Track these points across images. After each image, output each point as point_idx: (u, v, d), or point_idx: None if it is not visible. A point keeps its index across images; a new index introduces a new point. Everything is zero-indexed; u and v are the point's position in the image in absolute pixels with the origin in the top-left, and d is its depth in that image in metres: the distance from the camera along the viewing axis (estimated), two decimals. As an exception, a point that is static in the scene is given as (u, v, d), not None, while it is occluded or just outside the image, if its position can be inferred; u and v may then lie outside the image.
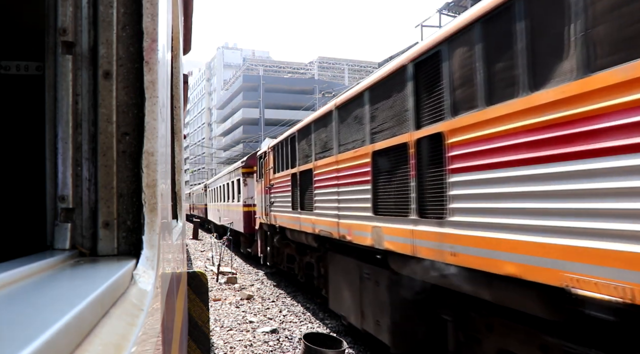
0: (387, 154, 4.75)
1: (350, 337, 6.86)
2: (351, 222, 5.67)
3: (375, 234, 4.95)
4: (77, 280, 0.77)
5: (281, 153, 9.59)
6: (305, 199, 7.71)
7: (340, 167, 6.05)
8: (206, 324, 3.91)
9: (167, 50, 1.56)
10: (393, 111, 4.65)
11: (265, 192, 10.96)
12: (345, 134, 5.92)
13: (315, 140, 7.17)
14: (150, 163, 1.07)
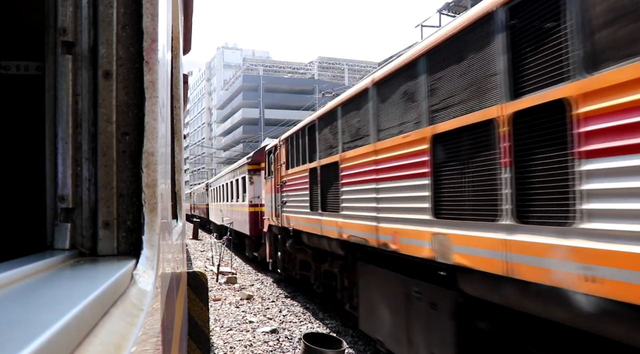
0: (458, 136, 3.60)
1: (350, 337, 6.86)
2: (398, 227, 4.47)
3: (438, 243, 3.80)
4: (77, 280, 0.77)
5: (296, 146, 8.33)
6: (328, 198, 6.53)
7: (380, 158, 4.82)
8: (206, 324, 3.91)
9: (167, 50, 1.56)
10: (468, 78, 3.50)
11: (276, 190, 9.79)
12: (388, 116, 4.70)
13: (343, 127, 5.92)
14: (150, 163, 1.07)
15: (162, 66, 1.23)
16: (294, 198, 8.49)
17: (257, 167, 13.87)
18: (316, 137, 7.08)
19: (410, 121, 4.27)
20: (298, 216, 8.19)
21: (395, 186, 4.54)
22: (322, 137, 6.82)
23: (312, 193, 7.28)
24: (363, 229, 5.28)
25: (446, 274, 3.93)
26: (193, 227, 27.16)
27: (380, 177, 4.85)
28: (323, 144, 6.79)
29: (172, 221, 1.82)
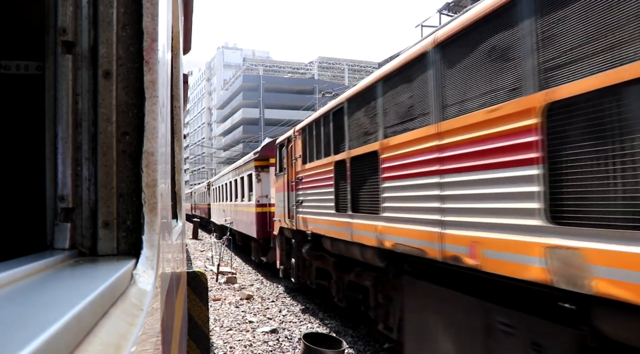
0: (600, 103, 2.37)
1: (350, 337, 6.86)
2: (479, 235, 3.27)
3: (558, 261, 2.64)
4: (76, 280, 0.77)
5: (316, 136, 7.12)
6: (361, 197, 5.43)
7: (447, 143, 3.65)
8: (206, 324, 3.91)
9: (167, 50, 1.56)
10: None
11: (290, 189, 8.66)
12: (459, 85, 3.54)
13: (386, 107, 4.74)
14: (150, 163, 1.07)
15: (162, 66, 1.23)
16: (313, 197, 7.31)
17: (266, 163, 12.58)
18: (345, 124, 5.91)
19: (502, 89, 3.11)
20: (318, 218, 7.00)
21: (474, 179, 3.33)
22: (354, 122, 5.65)
23: (339, 191, 6.12)
24: (417, 236, 4.09)
25: (574, 307, 2.81)
26: (193, 227, 27.17)
27: (447, 169, 3.66)
28: (355, 131, 5.59)
29: (172, 220, 1.82)
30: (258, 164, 12.77)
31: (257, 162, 12.80)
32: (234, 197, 16.87)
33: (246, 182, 14.19)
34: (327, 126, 6.63)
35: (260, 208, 12.49)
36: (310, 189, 7.50)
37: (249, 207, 13.49)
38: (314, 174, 7.27)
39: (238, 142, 63.17)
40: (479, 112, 3.31)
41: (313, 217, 7.32)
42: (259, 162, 12.78)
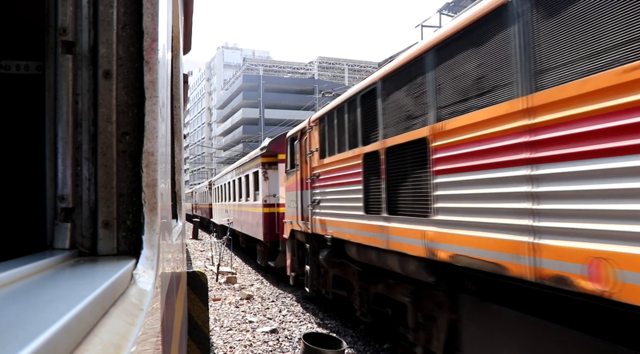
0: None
1: (350, 337, 6.86)
2: (605, 250, 2.34)
3: None
4: (76, 280, 0.77)
5: (338, 126, 6.13)
6: (401, 195, 4.44)
7: (544, 122, 2.72)
8: (206, 324, 3.91)
9: (167, 50, 1.56)
10: None
11: (304, 187, 7.75)
12: (569, 43, 2.56)
13: (440, 81, 3.82)
14: (150, 163, 1.07)
15: (162, 66, 1.23)
16: (333, 196, 6.34)
17: (274, 159, 11.61)
18: (377, 108, 4.90)
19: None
20: (341, 221, 6.03)
21: (596, 170, 2.38)
22: (390, 105, 4.64)
23: (369, 189, 5.13)
24: (491, 247, 3.16)
25: None
26: (193, 227, 27.17)
27: (542, 156, 2.73)
28: (392, 116, 4.59)
29: (172, 220, 1.82)
30: (265, 160, 11.68)
31: (264, 158, 11.70)
32: (238, 197, 15.83)
33: (251, 181, 13.17)
34: (353, 112, 5.63)
35: (267, 208, 11.49)
36: (329, 187, 6.52)
37: (255, 208, 12.45)
38: (334, 169, 6.31)
39: (238, 142, 63.19)
40: (609, 71, 2.30)
41: (334, 220, 6.35)
42: (266, 158, 11.69)
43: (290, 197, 8.77)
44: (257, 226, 12.14)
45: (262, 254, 12.88)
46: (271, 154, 11.66)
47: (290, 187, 8.80)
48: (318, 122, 7.10)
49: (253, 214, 12.80)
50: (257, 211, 12.22)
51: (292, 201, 8.65)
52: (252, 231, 13.02)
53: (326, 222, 6.70)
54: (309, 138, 7.54)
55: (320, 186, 6.97)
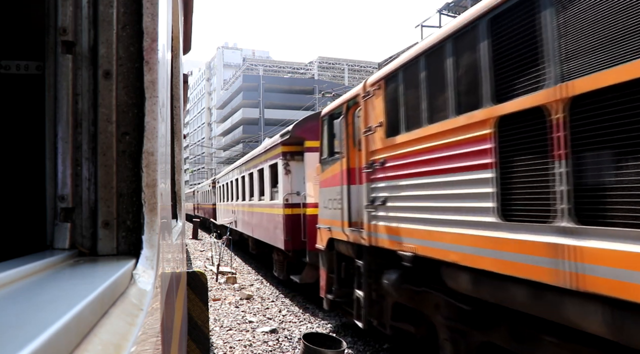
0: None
1: (350, 337, 6.86)
2: None
3: None
4: (76, 280, 0.77)
5: (427, 81, 4.13)
6: (611, 186, 2.39)
7: None
8: (206, 324, 3.91)
9: (167, 50, 1.56)
10: None
11: (355, 180, 5.77)
12: None
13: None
14: (150, 163, 1.07)
15: (162, 66, 1.23)
16: (415, 191, 4.29)
17: (298, 148, 9.40)
18: (547, 26, 2.78)
19: None
20: (435, 230, 3.95)
21: None
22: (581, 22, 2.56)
23: (513, 176, 3.09)
24: None
25: None
26: (193, 227, 27.18)
27: None
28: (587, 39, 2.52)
29: (172, 220, 1.82)
30: (287, 149, 9.44)
31: (286, 147, 9.46)
32: (248, 196, 13.52)
33: (267, 176, 10.90)
34: (467, 51, 3.55)
35: (289, 209, 9.31)
36: (407, 178, 4.44)
37: (273, 209, 10.27)
38: (419, 151, 4.23)
39: (238, 142, 63.20)
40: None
41: (418, 228, 4.23)
42: (288, 147, 9.45)
43: (328, 195, 6.59)
44: (274, 231, 10.04)
45: (280, 265, 10.48)
46: (295, 140, 9.28)
47: (328, 182, 6.63)
48: (383, 85, 4.89)
49: (269, 216, 10.60)
50: (275, 212, 10.06)
51: (331, 199, 6.45)
52: (267, 236, 10.83)
53: (400, 231, 4.55)
54: (365, 111, 5.27)
55: (387, 177, 4.77)
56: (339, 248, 6.44)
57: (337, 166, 6.29)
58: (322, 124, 7.05)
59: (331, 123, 6.64)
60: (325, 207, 6.83)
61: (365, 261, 5.48)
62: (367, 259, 5.45)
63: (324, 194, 6.92)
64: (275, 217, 10.08)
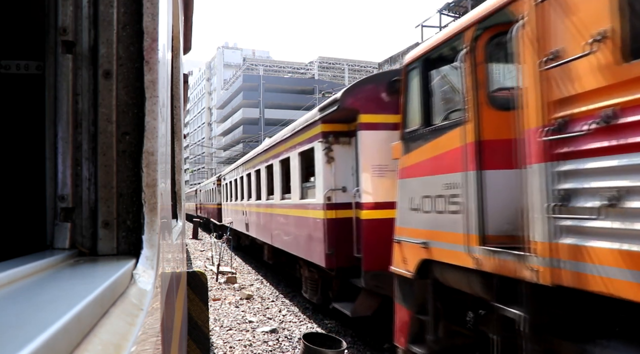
0: None
1: (350, 337, 6.86)
2: None
3: None
4: (76, 279, 0.77)
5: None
6: None
7: None
8: (206, 324, 3.91)
9: (167, 49, 1.56)
10: None
11: (509, 162, 3.29)
12: None
13: None
14: (150, 163, 1.07)
15: (162, 66, 1.23)
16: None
17: (344, 127, 6.84)
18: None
19: None
20: None
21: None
22: None
23: None
24: None
25: None
26: (193, 227, 27.18)
27: None
28: None
29: (172, 220, 1.82)
30: (329, 128, 6.83)
31: (328, 125, 6.85)
32: (266, 194, 10.92)
33: (296, 167, 8.31)
34: None
35: (333, 211, 6.75)
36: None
37: (305, 210, 7.76)
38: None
39: (238, 142, 63.22)
40: None
41: None
42: (331, 125, 6.85)
43: (423, 190, 4.35)
44: (308, 240, 7.60)
45: (312, 285, 8.07)
46: (343, 115, 6.53)
47: (422, 168, 4.39)
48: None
49: (299, 220, 8.12)
50: (308, 215, 7.55)
51: (429, 197, 4.24)
52: (295, 247, 8.44)
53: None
54: (542, 23, 2.87)
55: (621, 148, 2.34)
56: (445, 277, 4.06)
57: (447, 140, 3.96)
58: (407, 79, 4.69)
59: (426, 74, 4.35)
60: (415, 210, 4.43)
61: (531, 310, 2.99)
62: (533, 307, 2.99)
63: (411, 189, 4.53)
64: (308, 221, 7.54)
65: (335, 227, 6.76)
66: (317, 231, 7.11)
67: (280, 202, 9.61)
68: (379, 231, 5.89)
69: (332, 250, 6.69)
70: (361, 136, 6.24)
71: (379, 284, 5.85)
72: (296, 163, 8.36)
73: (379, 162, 6.11)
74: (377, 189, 6.16)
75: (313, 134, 7.34)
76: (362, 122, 6.23)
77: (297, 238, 8.36)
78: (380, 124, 6.15)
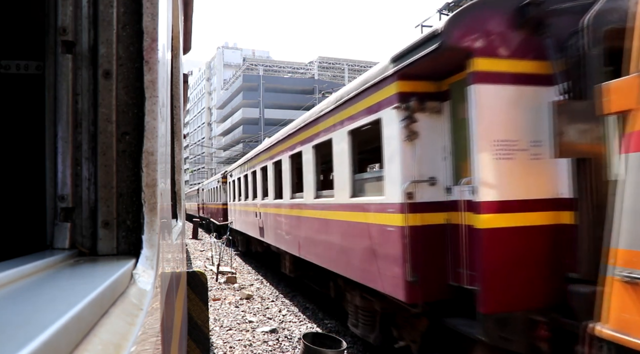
0: None
1: (349, 337, 6.86)
2: None
3: None
4: (76, 279, 0.77)
5: None
6: None
7: None
8: (206, 324, 3.91)
9: (167, 49, 1.56)
10: None
11: None
12: None
13: None
14: (150, 163, 1.07)
15: (162, 66, 1.23)
16: None
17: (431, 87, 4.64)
18: None
19: None
20: None
21: None
22: None
23: None
24: None
25: None
26: (193, 227, 27.17)
27: None
28: None
29: (172, 220, 1.82)
30: (411, 88, 4.62)
31: (409, 83, 4.63)
32: (290, 191, 8.69)
33: (345, 152, 5.92)
34: None
35: (417, 216, 4.50)
36: None
37: (366, 213, 5.38)
38: None
39: (238, 142, 63.22)
40: None
41: None
42: (413, 83, 4.64)
43: None
44: (370, 258, 5.20)
45: (367, 318, 5.78)
46: (439, 63, 4.34)
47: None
48: None
49: (352, 227, 5.73)
50: (373, 220, 5.17)
51: None
52: (345, 265, 6.00)
53: None
54: None
55: None
56: None
57: None
58: None
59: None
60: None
61: None
62: None
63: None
64: (370, 230, 5.23)
65: (421, 240, 4.42)
66: (388, 244, 4.75)
67: (315, 202, 7.23)
68: (507, 249, 3.81)
69: (415, 276, 4.32)
70: (477, 92, 3.87)
71: (508, 335, 3.71)
72: (344, 147, 5.93)
73: (504, 135, 3.88)
74: (502, 179, 3.87)
75: (380, 98, 4.94)
76: (479, 70, 3.88)
77: (346, 253, 5.94)
78: (506, 74, 3.94)
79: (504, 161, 3.90)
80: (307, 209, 7.68)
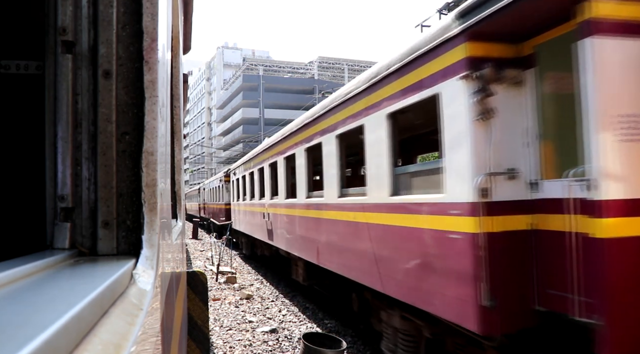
0: None
1: (349, 337, 6.86)
2: None
3: None
4: (76, 279, 0.77)
5: None
6: None
7: None
8: (205, 324, 3.91)
9: (167, 49, 1.56)
10: None
11: None
12: None
13: None
14: (150, 163, 1.07)
15: (162, 66, 1.23)
16: None
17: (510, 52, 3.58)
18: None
19: None
20: None
21: None
22: None
23: None
24: None
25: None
26: (193, 227, 27.17)
27: None
28: None
29: (172, 220, 1.82)
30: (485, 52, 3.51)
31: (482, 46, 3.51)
32: (306, 190, 7.70)
33: (382, 142, 4.85)
34: None
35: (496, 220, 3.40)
36: None
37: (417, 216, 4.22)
38: None
39: (238, 142, 63.23)
40: None
41: None
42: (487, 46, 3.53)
43: None
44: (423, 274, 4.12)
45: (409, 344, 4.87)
46: (526, 16, 3.25)
47: None
48: None
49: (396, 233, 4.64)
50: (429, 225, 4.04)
51: None
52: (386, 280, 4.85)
53: None
54: None
55: None
56: None
57: None
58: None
59: None
60: None
61: None
62: None
63: None
64: (422, 237, 4.16)
65: (501, 251, 3.42)
66: (450, 256, 3.73)
67: (339, 201, 6.12)
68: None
69: (494, 299, 3.30)
70: (596, 48, 2.88)
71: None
72: (381, 134, 4.84)
73: (633, 109, 2.93)
74: (633, 169, 2.90)
75: (438, 68, 3.87)
76: (599, 17, 2.87)
77: (382, 264, 4.89)
78: (636, 24, 2.95)
79: (634, 143, 2.86)
80: (328, 210, 6.59)
